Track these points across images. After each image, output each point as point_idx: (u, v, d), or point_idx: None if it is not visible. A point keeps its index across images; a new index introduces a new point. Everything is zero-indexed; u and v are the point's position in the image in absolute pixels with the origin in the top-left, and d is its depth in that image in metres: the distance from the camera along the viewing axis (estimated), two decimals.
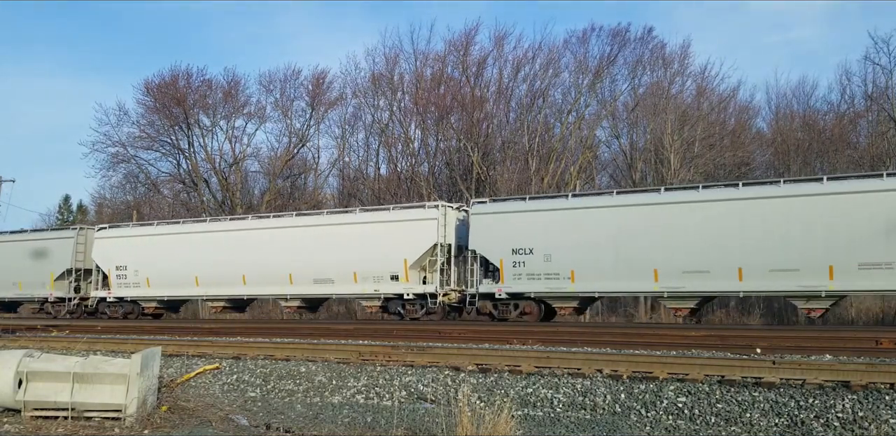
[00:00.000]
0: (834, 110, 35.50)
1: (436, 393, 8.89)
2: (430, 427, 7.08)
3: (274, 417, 8.14)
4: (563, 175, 34.18)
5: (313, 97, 42.50)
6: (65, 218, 60.44)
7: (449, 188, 36.87)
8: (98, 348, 12.89)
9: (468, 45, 38.60)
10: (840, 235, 16.40)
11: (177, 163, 44.72)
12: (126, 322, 24.19)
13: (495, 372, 9.23)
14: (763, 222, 17.23)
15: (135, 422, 6.90)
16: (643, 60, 36.84)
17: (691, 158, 32.19)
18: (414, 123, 39.15)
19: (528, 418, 7.76)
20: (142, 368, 7.03)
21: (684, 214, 18.20)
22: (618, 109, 37.52)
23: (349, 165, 42.33)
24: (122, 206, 48.06)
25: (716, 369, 8.41)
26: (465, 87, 37.73)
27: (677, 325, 19.38)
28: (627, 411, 7.80)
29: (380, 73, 40.44)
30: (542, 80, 36.83)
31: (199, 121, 43.47)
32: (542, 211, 20.24)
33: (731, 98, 37.45)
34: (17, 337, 15.03)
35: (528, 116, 35.84)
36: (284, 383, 9.92)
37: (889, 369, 7.72)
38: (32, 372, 7.09)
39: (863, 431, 6.72)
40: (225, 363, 11.02)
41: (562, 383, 8.60)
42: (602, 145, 38.04)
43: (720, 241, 17.51)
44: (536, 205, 20.63)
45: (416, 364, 9.95)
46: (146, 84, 43.88)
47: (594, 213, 19.45)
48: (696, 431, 7.17)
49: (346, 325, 18.38)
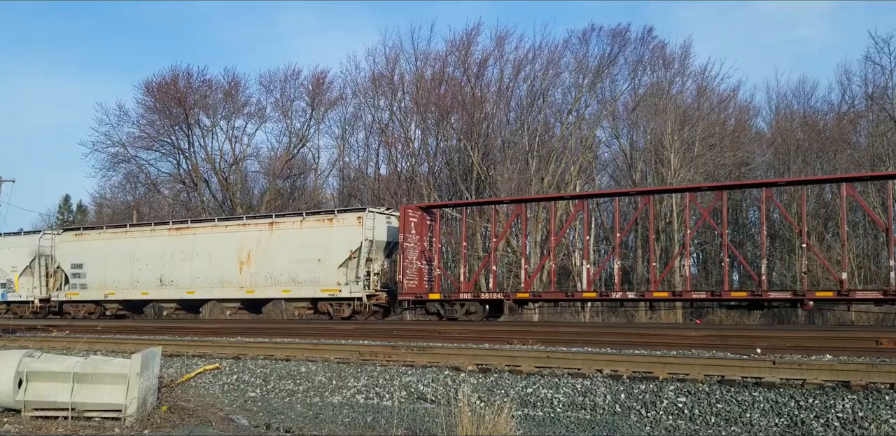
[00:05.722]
0: (834, 110, 35.56)
1: (436, 393, 8.89)
2: (430, 427, 7.08)
3: (274, 417, 8.14)
4: (563, 175, 34.18)
5: (313, 97, 42.50)
6: (65, 218, 60.42)
7: (449, 188, 36.86)
8: (98, 348, 12.88)
9: (469, 45, 38.62)
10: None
11: (177, 163, 44.74)
12: (126, 322, 24.27)
13: (495, 372, 9.23)
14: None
15: (135, 422, 6.90)
16: (643, 60, 36.87)
17: (691, 158, 32.19)
18: (414, 123, 39.16)
19: (528, 418, 7.76)
20: (142, 368, 7.02)
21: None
22: (618, 109, 37.54)
23: (349, 165, 42.37)
24: (123, 206, 48.07)
25: (716, 369, 8.40)
26: (466, 87, 37.72)
27: (678, 325, 19.41)
28: (627, 411, 7.80)
29: (380, 73, 40.45)
30: (542, 81, 36.83)
31: (200, 121, 43.49)
32: None
33: (731, 98, 37.51)
34: (18, 337, 15.04)
35: (529, 116, 35.83)
36: (284, 383, 9.92)
37: (889, 369, 7.71)
38: (32, 372, 7.09)
39: (863, 431, 6.72)
40: (225, 363, 11.02)
41: (562, 383, 8.60)
42: (602, 145, 38.08)
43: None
44: None
45: (416, 364, 9.95)
46: (146, 84, 43.92)
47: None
48: (696, 431, 7.17)
49: (345, 325, 18.38)
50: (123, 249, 26.59)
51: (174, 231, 26.15)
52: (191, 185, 44.21)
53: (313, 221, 23.52)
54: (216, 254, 24.54)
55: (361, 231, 22.28)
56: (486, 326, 17.61)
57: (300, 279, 22.90)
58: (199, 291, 24.93)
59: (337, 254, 22.46)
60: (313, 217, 23.82)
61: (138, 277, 26.07)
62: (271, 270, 23.44)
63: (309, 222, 23.49)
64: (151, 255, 25.85)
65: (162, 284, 25.66)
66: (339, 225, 22.74)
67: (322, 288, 22.47)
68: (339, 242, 22.51)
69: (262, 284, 23.64)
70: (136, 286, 26.16)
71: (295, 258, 22.97)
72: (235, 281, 24.14)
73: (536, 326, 18.91)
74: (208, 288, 24.74)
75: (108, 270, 26.81)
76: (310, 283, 22.73)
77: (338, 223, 22.82)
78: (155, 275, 25.73)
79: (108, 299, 26.97)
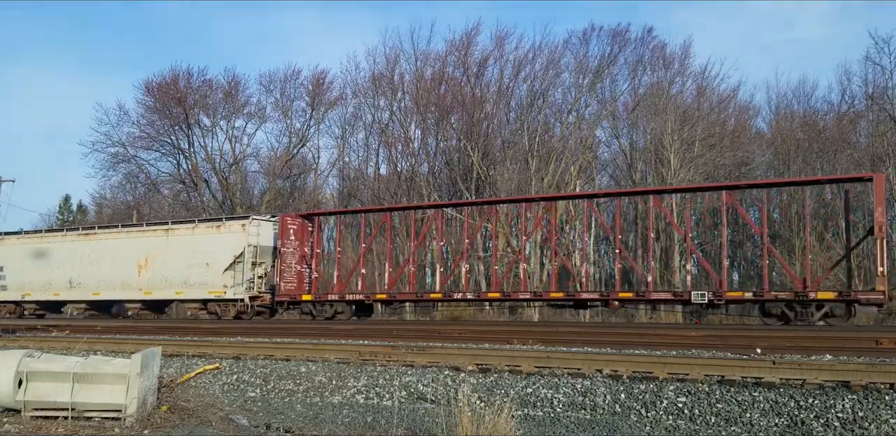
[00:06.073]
0: (834, 110, 35.57)
1: (436, 393, 8.89)
2: (430, 427, 7.08)
3: (274, 417, 8.14)
4: (563, 175, 34.18)
5: (313, 97, 42.53)
6: (65, 218, 60.46)
7: (449, 188, 36.88)
8: (98, 348, 12.87)
9: (469, 46, 38.65)
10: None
11: (177, 163, 44.77)
12: (126, 322, 24.35)
13: (495, 372, 9.22)
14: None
15: (135, 422, 6.90)
16: (643, 61, 36.90)
17: (691, 158, 32.20)
18: (414, 123, 39.18)
19: (528, 418, 7.76)
20: (142, 368, 7.02)
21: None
22: (618, 109, 37.56)
23: (349, 165, 42.39)
24: (122, 206, 48.11)
25: (716, 369, 8.39)
26: (466, 87, 37.73)
27: (678, 325, 19.41)
28: (627, 411, 7.80)
29: (380, 73, 40.49)
30: (542, 81, 36.85)
31: (200, 121, 43.53)
32: None
33: (731, 98, 37.52)
34: (18, 337, 15.04)
35: (529, 116, 35.85)
36: (284, 383, 9.92)
37: (889, 369, 7.71)
38: (32, 372, 7.09)
39: (863, 431, 6.72)
40: (225, 363, 11.01)
41: (562, 383, 8.59)
42: (602, 145, 38.10)
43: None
44: None
45: (416, 364, 9.94)
46: (146, 84, 43.98)
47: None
48: (696, 431, 7.16)
49: (345, 325, 18.39)
50: (39, 253, 28.57)
51: (83, 236, 28.14)
52: (191, 185, 44.23)
53: (204, 227, 25.68)
54: (119, 258, 26.50)
55: (245, 237, 24.16)
56: (487, 325, 17.61)
57: (191, 282, 24.86)
58: (104, 293, 26.93)
59: (223, 259, 24.31)
60: (204, 224, 26.07)
61: (51, 279, 27.95)
62: (166, 274, 25.45)
63: (200, 229, 25.66)
64: (63, 258, 27.87)
65: (71, 285, 27.57)
66: (226, 232, 24.73)
67: (210, 290, 24.50)
68: (225, 248, 24.36)
69: (159, 287, 25.64)
70: (49, 288, 28.05)
71: (187, 263, 24.88)
72: (135, 283, 26.16)
73: (536, 326, 18.93)
74: (112, 290, 26.67)
75: (25, 273, 28.73)
76: (200, 285, 24.67)
77: (225, 230, 24.84)
78: (66, 277, 27.59)
79: (25, 300, 28.92)
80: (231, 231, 24.54)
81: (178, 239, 25.67)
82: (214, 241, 24.71)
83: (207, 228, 25.46)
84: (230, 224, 24.93)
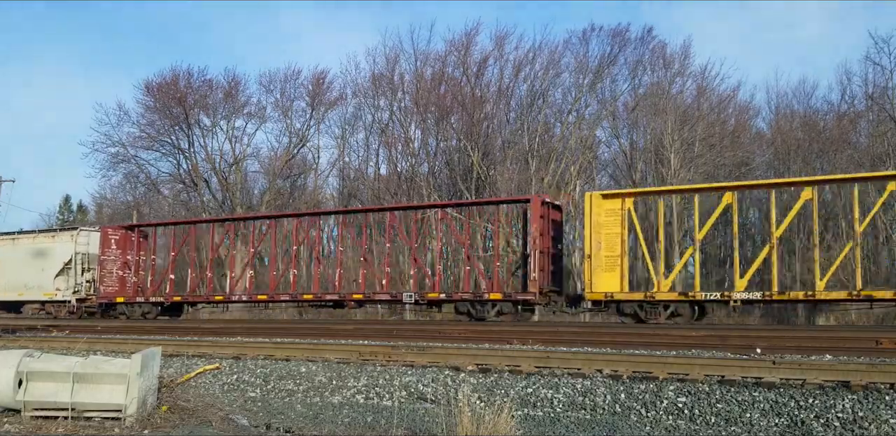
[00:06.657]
0: (834, 110, 35.52)
1: (436, 393, 8.89)
2: (430, 427, 7.08)
3: (274, 417, 8.14)
4: (564, 175, 34.17)
5: (313, 97, 42.51)
6: (65, 218, 60.48)
7: (449, 188, 36.85)
8: (98, 348, 12.87)
9: (469, 46, 38.61)
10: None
11: (177, 163, 44.76)
12: (127, 322, 24.41)
13: (495, 372, 9.22)
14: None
15: (135, 422, 6.90)
16: (643, 61, 36.85)
17: (691, 158, 32.18)
18: (414, 123, 39.15)
19: (528, 418, 7.76)
20: (142, 368, 7.02)
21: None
22: (618, 109, 37.52)
23: (349, 165, 42.36)
24: (123, 206, 48.11)
25: (716, 369, 8.39)
26: (466, 88, 37.71)
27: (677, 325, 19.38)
28: (627, 411, 7.80)
29: (380, 73, 40.45)
30: (542, 81, 36.83)
31: (200, 121, 43.51)
32: None
33: (731, 98, 37.48)
34: (18, 337, 15.04)
35: (529, 116, 35.83)
36: (284, 383, 9.92)
37: (889, 369, 7.71)
38: (32, 372, 7.09)
39: (863, 431, 6.72)
40: (225, 363, 11.01)
41: (562, 382, 8.59)
42: (602, 145, 38.06)
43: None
44: None
45: (416, 364, 9.95)
46: (146, 84, 43.97)
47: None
48: (696, 431, 7.16)
49: (345, 325, 18.39)
50: None
51: None
52: (191, 185, 44.21)
53: (42, 237, 29.79)
54: None
55: (74, 246, 27.99)
56: (487, 325, 17.60)
57: (30, 285, 28.67)
58: None
59: (54, 265, 28.16)
60: (43, 234, 30.24)
61: None
62: (11, 278, 29.09)
63: (39, 238, 29.67)
64: None
65: None
66: (59, 241, 28.60)
67: (44, 292, 28.34)
68: (57, 256, 28.16)
69: (5, 289, 29.41)
70: None
71: (27, 268, 28.64)
72: None
73: (536, 326, 18.93)
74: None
75: None
76: (37, 288, 28.51)
77: (58, 240, 28.79)
78: None
79: None
80: (63, 241, 28.42)
81: (23, 247, 29.43)
82: (48, 249, 28.53)
83: (45, 238, 29.43)
84: (62, 234, 29.11)
